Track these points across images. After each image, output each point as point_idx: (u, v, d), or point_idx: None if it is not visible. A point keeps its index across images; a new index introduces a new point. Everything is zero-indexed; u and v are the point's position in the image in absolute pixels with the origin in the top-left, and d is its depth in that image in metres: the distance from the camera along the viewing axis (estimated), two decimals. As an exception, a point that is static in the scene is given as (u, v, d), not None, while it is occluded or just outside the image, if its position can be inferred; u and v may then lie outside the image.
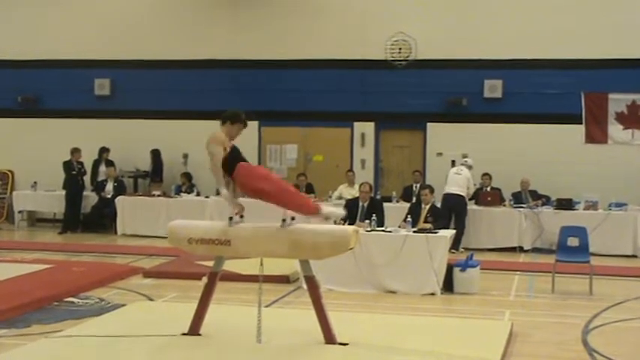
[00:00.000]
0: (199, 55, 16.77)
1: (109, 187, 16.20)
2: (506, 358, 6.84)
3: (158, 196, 15.72)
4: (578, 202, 14.05)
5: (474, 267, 10.02)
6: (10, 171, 17.84)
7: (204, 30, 16.83)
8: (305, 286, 7.27)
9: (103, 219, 16.13)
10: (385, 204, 12.14)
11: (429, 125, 16.03)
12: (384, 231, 10.15)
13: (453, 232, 11.36)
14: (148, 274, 10.90)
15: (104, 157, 16.74)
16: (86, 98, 17.21)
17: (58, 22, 17.42)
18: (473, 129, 15.68)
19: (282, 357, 6.52)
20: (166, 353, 6.62)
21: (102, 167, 16.70)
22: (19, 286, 9.53)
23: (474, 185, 14.23)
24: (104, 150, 16.76)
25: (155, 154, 16.78)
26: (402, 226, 10.44)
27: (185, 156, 16.53)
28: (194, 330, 6.99)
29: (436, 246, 9.81)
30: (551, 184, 14.76)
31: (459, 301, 9.52)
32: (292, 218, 6.75)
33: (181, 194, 15.89)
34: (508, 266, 12.20)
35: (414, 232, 10.16)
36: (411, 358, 6.55)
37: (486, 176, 14.79)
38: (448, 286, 9.86)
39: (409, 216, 11.53)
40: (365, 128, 16.36)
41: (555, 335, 7.75)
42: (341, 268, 9.54)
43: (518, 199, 14.57)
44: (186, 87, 16.79)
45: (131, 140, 16.94)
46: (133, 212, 15.55)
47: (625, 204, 13.99)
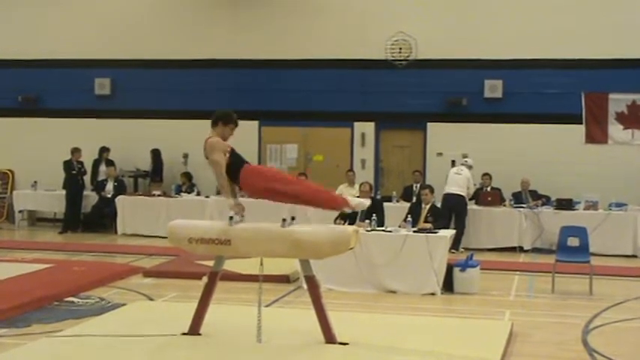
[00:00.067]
0: (199, 55, 16.76)
1: (109, 187, 16.20)
2: (506, 358, 6.84)
3: (158, 195, 15.72)
4: (579, 202, 14.05)
5: (474, 267, 10.02)
6: (10, 170, 17.84)
7: (204, 30, 16.84)
8: (305, 286, 7.27)
9: (104, 219, 16.14)
10: (385, 204, 12.11)
11: (429, 125, 16.03)
12: (384, 231, 10.15)
13: (453, 232, 11.38)
14: (148, 274, 10.91)
15: (104, 156, 16.74)
16: (86, 98, 17.21)
17: (58, 22, 17.42)
18: (473, 129, 15.68)
19: (282, 357, 6.52)
20: (166, 353, 6.62)
21: (102, 167, 16.71)
22: (19, 285, 9.53)
23: (474, 185, 14.23)
24: (104, 150, 16.76)
25: (155, 154, 16.78)
26: (402, 226, 10.43)
27: (185, 156, 16.52)
28: (194, 330, 6.99)
29: (436, 246, 9.81)
30: (551, 184, 14.76)
31: (459, 301, 9.52)
32: (292, 218, 6.76)
33: (181, 194, 15.89)
34: (508, 266, 12.20)
35: (414, 232, 10.16)
36: (411, 358, 6.55)
37: (486, 176, 14.79)
38: (448, 286, 9.86)
39: (409, 216, 11.53)
40: (365, 128, 16.36)
41: (555, 335, 7.75)
42: (341, 268, 9.54)
43: (518, 199, 14.57)
44: (186, 87, 16.79)
45: (131, 140, 16.93)
46: (133, 212, 15.56)
47: (625, 204, 13.99)
